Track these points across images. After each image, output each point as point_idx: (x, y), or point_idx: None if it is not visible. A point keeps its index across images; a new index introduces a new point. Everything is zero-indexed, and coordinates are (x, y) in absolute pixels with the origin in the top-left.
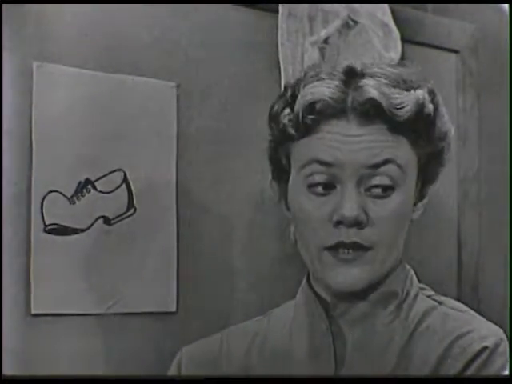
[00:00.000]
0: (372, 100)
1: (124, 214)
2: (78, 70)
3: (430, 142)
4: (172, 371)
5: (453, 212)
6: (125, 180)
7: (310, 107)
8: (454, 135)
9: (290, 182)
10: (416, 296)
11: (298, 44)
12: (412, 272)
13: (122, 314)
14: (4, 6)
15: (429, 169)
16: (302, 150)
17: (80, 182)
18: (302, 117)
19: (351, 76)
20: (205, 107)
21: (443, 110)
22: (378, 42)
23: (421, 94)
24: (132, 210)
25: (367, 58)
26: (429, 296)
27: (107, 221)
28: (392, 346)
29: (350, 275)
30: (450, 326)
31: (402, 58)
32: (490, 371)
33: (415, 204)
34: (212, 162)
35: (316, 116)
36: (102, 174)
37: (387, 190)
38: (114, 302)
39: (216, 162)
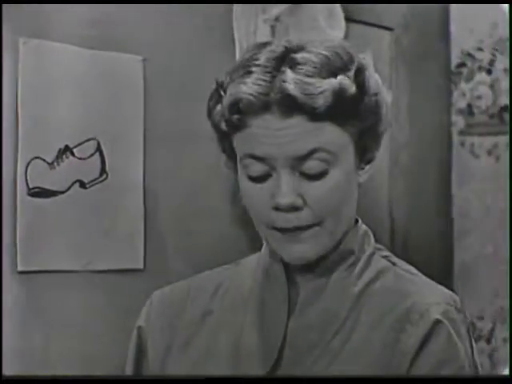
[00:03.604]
0: (289, 95)
1: (97, 179)
2: (61, 44)
3: (358, 119)
4: (143, 313)
5: (384, 176)
6: (98, 148)
7: (234, 107)
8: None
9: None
10: (372, 255)
11: (251, 21)
12: (369, 232)
13: (97, 271)
14: None
15: (366, 141)
16: (238, 145)
17: (60, 149)
18: (229, 115)
19: (283, 62)
20: (168, 80)
21: (373, 83)
22: (323, 21)
23: (338, 81)
24: (104, 176)
25: (313, 36)
26: (384, 256)
27: (83, 184)
28: (343, 298)
29: (300, 251)
30: (405, 288)
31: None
32: (445, 343)
33: (362, 168)
34: (175, 132)
35: (240, 115)
36: (78, 142)
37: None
38: (88, 261)
39: (178, 134)
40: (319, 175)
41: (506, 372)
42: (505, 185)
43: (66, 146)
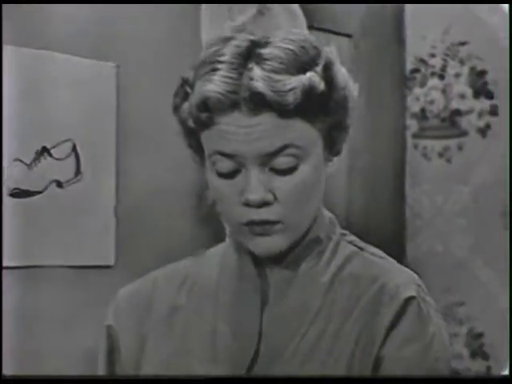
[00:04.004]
0: (258, 93)
1: (73, 179)
2: (41, 51)
3: (327, 115)
4: (110, 311)
5: (341, 176)
6: (74, 149)
7: (203, 104)
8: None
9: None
10: (338, 242)
11: (219, 28)
12: (334, 219)
13: (71, 266)
14: None
15: (335, 135)
16: (206, 141)
17: (38, 150)
18: (197, 113)
19: (249, 58)
20: (141, 84)
21: (341, 78)
22: (286, 26)
23: (307, 78)
24: (79, 176)
25: None
26: (350, 242)
27: (60, 184)
28: (314, 287)
29: (267, 244)
30: (374, 272)
31: None
32: (415, 318)
33: (331, 160)
34: (146, 135)
35: (209, 113)
36: (56, 143)
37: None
38: (65, 256)
39: (149, 137)
40: (289, 170)
41: (503, 371)
42: (455, 186)
43: (44, 147)
